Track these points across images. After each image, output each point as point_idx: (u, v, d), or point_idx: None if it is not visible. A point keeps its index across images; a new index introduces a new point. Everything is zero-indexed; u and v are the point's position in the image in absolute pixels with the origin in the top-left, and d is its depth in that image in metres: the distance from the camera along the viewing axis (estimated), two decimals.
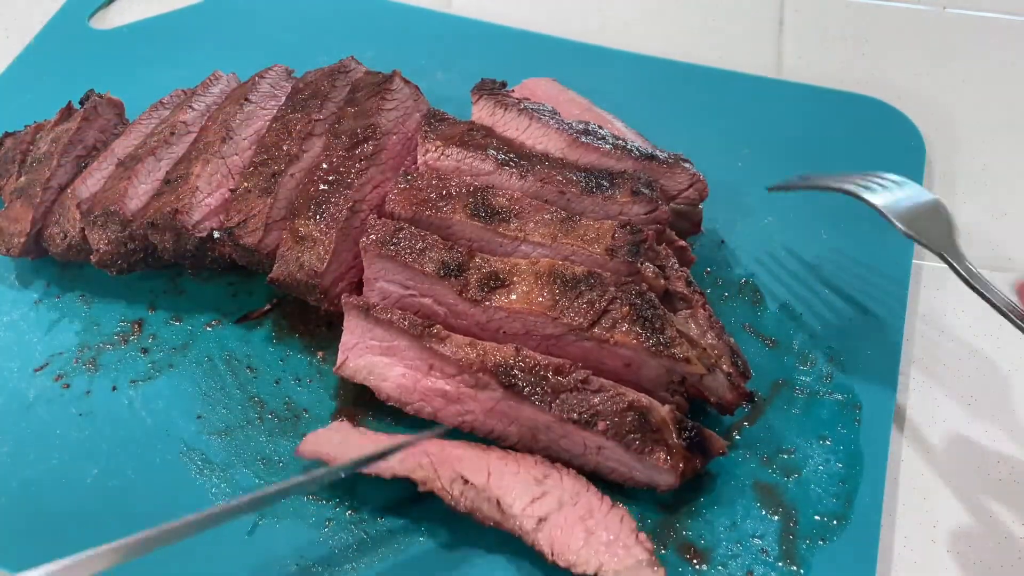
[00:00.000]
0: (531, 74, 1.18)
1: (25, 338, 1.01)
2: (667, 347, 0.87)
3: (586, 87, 1.16)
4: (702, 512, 0.88)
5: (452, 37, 1.31)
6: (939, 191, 1.15)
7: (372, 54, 1.22)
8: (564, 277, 0.91)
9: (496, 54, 1.29)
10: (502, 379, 0.88)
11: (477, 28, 1.32)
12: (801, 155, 1.16)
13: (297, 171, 0.99)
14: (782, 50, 1.31)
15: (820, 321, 1.01)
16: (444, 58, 1.28)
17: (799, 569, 0.84)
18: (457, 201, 0.97)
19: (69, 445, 0.93)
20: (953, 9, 1.34)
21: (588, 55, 1.29)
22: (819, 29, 1.32)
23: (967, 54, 1.28)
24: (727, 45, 1.31)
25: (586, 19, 1.38)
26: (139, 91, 1.17)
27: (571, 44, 1.31)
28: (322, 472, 0.82)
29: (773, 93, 1.23)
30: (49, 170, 1.02)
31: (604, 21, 1.37)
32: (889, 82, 1.27)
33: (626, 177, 0.99)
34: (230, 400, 0.96)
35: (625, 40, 1.32)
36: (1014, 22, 1.32)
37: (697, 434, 0.86)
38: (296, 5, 1.36)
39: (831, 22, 1.34)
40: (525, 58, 1.28)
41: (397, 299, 0.96)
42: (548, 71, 1.19)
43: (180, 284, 1.05)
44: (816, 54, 1.29)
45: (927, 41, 1.30)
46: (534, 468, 0.87)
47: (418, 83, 1.09)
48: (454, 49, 1.29)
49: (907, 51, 1.29)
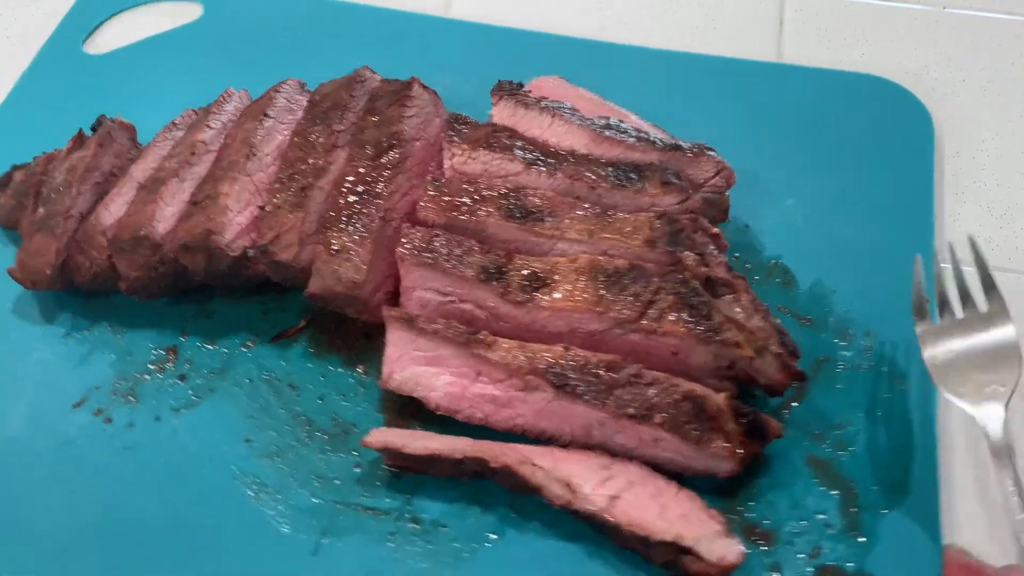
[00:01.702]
0: (535, 74, 1.18)
1: (58, 374, 0.99)
2: (717, 333, 0.88)
3: (591, 84, 1.16)
4: (762, 494, 0.89)
5: (453, 41, 1.30)
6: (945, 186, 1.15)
7: (375, 62, 1.20)
8: (606, 272, 0.91)
9: (499, 56, 1.27)
10: (553, 380, 0.88)
11: (477, 31, 1.32)
12: (813, 136, 1.17)
13: (325, 184, 0.98)
14: (782, 50, 1.32)
15: (854, 296, 1.02)
16: (447, 62, 1.26)
17: (866, 540, 0.85)
18: (490, 204, 0.97)
19: (119, 480, 0.91)
20: (953, 9, 1.35)
21: (590, 51, 1.28)
22: (819, 29, 1.34)
23: (967, 54, 1.30)
24: (726, 45, 1.32)
25: (586, 17, 1.38)
26: (143, 114, 1.15)
27: (570, 41, 1.30)
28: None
29: (780, 77, 1.24)
30: (69, 200, 1.00)
31: (603, 20, 1.37)
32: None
33: (654, 168, 0.99)
34: (276, 421, 0.95)
35: (622, 36, 1.32)
36: (1014, 22, 1.34)
37: (755, 418, 0.86)
38: (291, 18, 1.34)
39: (831, 22, 1.35)
40: (527, 58, 1.26)
41: (436, 306, 0.96)
42: (551, 70, 1.19)
43: (210, 307, 1.03)
44: (816, 54, 1.30)
45: (927, 41, 1.31)
46: (596, 458, 0.88)
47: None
48: (456, 53, 1.28)
49: (907, 51, 1.31)
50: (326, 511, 0.89)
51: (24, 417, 0.96)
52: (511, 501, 0.89)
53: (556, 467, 0.86)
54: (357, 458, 0.93)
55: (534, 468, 0.85)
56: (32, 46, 1.32)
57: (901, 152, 1.15)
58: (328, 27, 1.33)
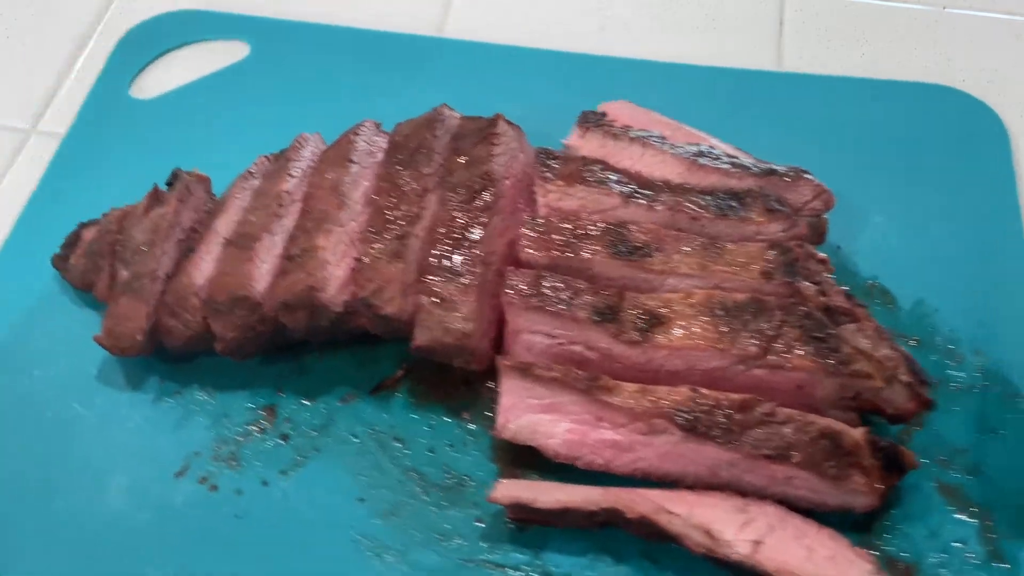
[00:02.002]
0: (586, 96, 1.15)
1: (155, 442, 0.95)
2: (846, 365, 0.86)
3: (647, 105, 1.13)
4: (897, 526, 0.88)
5: (509, 65, 1.27)
6: None
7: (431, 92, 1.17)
8: (725, 307, 0.89)
9: (545, 78, 1.25)
10: (681, 423, 0.86)
11: (523, 55, 1.29)
12: (890, 150, 1.16)
13: (420, 231, 0.96)
14: (782, 51, 1.31)
15: (957, 314, 1.01)
16: (516, 88, 1.24)
17: (1010, 567, 0.84)
18: (594, 241, 0.94)
19: (236, 551, 0.88)
20: (953, 9, 1.35)
21: (634, 71, 1.26)
22: (819, 29, 1.33)
23: (967, 54, 1.29)
24: (726, 45, 1.31)
25: (586, 17, 1.36)
26: (199, 159, 1.11)
27: (612, 61, 1.28)
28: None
29: (845, 91, 1.23)
30: (154, 260, 0.96)
31: (602, 20, 1.35)
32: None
33: (754, 195, 0.97)
34: (387, 477, 0.92)
35: (622, 36, 1.31)
36: (1014, 22, 1.33)
37: (892, 451, 0.85)
38: (340, 51, 1.31)
39: (831, 22, 1.34)
40: (575, 81, 1.24)
41: (543, 349, 0.93)
42: (613, 94, 1.17)
43: (303, 361, 1.00)
44: (816, 54, 1.29)
45: (927, 41, 1.31)
46: (728, 500, 0.86)
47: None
48: (515, 77, 1.26)
49: (907, 51, 1.30)
50: (452, 570, 0.87)
51: (125, 489, 0.92)
52: (644, 550, 0.87)
53: (692, 513, 0.84)
54: (477, 512, 0.90)
55: (670, 516, 0.83)
56: (32, 45, 1.32)
57: (980, 163, 1.14)
58: (375, 58, 1.29)
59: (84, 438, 0.95)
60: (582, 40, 1.31)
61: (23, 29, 1.37)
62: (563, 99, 1.14)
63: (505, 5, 1.37)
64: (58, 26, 1.37)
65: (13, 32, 1.36)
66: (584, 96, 1.13)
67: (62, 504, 0.92)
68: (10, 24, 1.37)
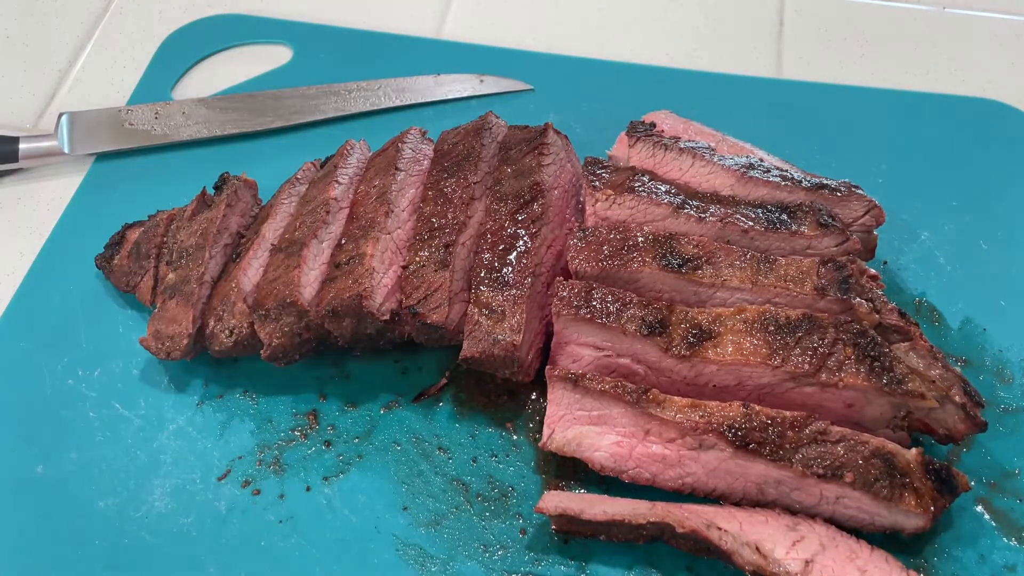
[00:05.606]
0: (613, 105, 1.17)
1: (198, 445, 0.95)
2: (900, 384, 0.85)
3: (691, 115, 1.13)
4: (946, 550, 0.86)
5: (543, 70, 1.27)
6: None
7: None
8: (777, 323, 0.88)
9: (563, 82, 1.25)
10: (732, 439, 0.85)
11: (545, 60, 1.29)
12: (938, 165, 1.15)
13: (467, 239, 0.95)
14: (782, 51, 1.30)
15: (1007, 334, 1.00)
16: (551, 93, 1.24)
17: None
18: (643, 252, 0.93)
19: (278, 556, 0.88)
20: (953, 9, 1.34)
21: (669, 80, 1.26)
22: (819, 29, 1.32)
23: (967, 55, 1.28)
24: (726, 46, 1.30)
25: (586, 16, 1.36)
26: (248, 165, 1.12)
27: (643, 70, 1.27)
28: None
29: (888, 104, 1.22)
30: (202, 264, 0.96)
31: (602, 20, 1.36)
32: (889, 83, 1.26)
33: (805, 209, 0.96)
34: (431, 487, 0.92)
35: (622, 36, 1.32)
36: (1014, 22, 1.32)
37: (946, 472, 0.84)
38: (379, 55, 1.31)
39: (831, 22, 1.33)
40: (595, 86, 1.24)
41: (590, 361, 0.93)
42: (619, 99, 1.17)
43: (345, 368, 1.00)
44: (816, 54, 1.29)
45: (927, 41, 1.30)
46: (778, 518, 0.85)
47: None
48: (560, 83, 1.25)
49: (907, 51, 1.29)
50: None
51: (169, 492, 0.92)
52: (690, 564, 0.86)
53: (743, 530, 0.83)
54: (521, 523, 0.89)
55: (721, 532, 0.82)
56: (33, 45, 1.32)
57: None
58: (410, 60, 1.29)
59: (127, 440, 0.95)
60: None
61: (23, 29, 1.37)
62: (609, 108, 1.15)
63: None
64: (58, 26, 1.37)
65: (13, 32, 1.37)
66: (624, 104, 1.15)
67: (104, 505, 0.92)
68: (10, 24, 1.38)
